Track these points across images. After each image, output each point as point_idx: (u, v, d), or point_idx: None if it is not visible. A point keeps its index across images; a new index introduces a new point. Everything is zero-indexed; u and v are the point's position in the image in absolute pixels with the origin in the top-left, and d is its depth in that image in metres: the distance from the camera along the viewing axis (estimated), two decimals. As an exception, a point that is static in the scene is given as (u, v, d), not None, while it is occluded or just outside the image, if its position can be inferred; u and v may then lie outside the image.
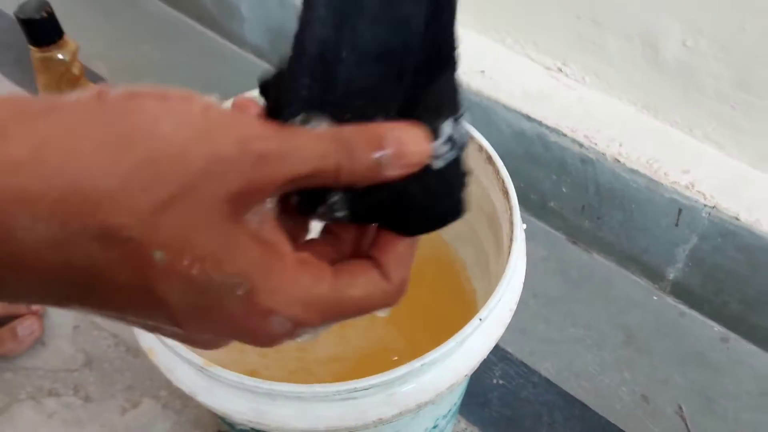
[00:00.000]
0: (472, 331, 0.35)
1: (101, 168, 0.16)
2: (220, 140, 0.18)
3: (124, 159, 0.17)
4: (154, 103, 0.18)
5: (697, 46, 0.54)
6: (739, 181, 0.57)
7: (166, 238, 0.17)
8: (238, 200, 0.18)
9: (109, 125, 0.17)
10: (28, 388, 0.58)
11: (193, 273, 0.18)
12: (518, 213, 0.41)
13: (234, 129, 0.18)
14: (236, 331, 0.20)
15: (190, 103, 0.18)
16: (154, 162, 0.17)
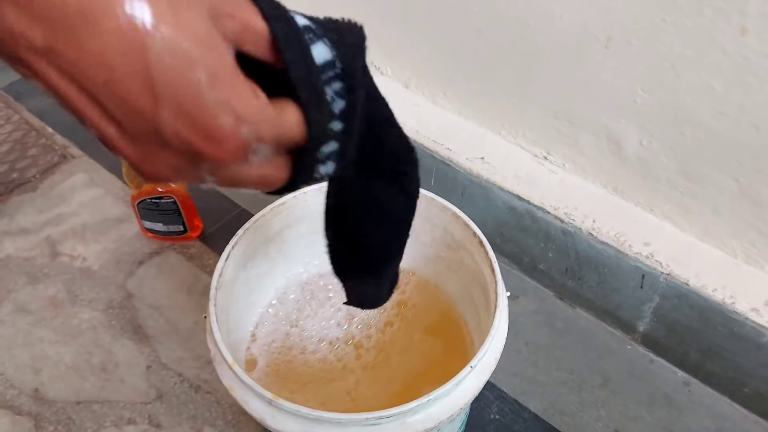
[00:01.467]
0: (465, 375, 0.48)
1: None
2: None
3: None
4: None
5: (651, 145, 0.67)
6: (690, 252, 0.70)
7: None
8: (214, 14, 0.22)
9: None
10: (112, 417, 0.71)
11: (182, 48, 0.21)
12: (502, 285, 0.54)
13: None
14: (193, 120, 0.22)
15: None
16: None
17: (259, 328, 0.63)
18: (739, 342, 0.67)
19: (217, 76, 0.22)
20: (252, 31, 0.24)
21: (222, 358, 0.49)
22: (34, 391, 0.74)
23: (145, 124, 0.22)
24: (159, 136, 0.22)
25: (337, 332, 0.63)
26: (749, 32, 0.54)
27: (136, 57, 0.20)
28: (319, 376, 0.61)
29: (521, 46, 0.71)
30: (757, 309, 0.65)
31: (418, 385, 0.61)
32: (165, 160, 0.24)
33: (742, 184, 0.63)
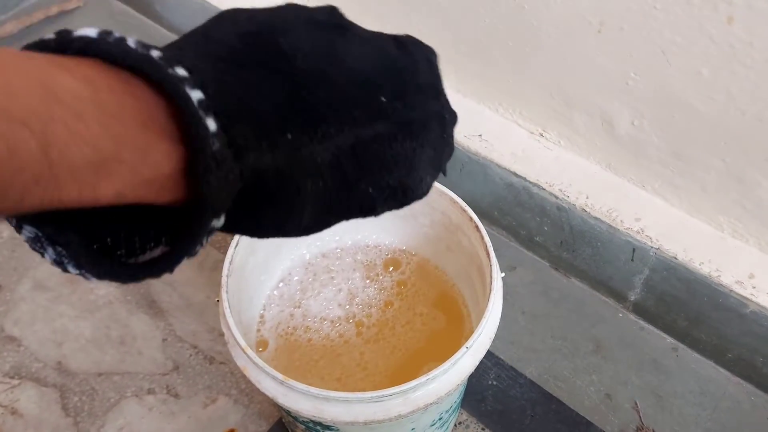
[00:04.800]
0: (462, 355, 0.52)
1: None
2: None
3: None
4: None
5: (642, 126, 0.69)
6: (679, 227, 0.73)
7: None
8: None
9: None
10: (132, 388, 0.76)
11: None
12: (497, 268, 0.57)
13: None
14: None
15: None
16: None
17: (267, 310, 0.67)
18: (724, 312, 0.71)
19: None
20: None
21: (235, 341, 0.52)
22: (57, 363, 0.79)
23: None
24: None
25: (339, 311, 0.67)
26: (735, 21, 0.55)
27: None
28: (327, 352, 0.65)
29: (517, 29, 0.72)
30: (741, 282, 0.68)
31: (420, 357, 0.65)
32: None
33: (729, 164, 0.65)
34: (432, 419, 0.60)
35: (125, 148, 0.20)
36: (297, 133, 0.25)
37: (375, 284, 0.69)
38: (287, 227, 0.27)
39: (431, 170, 0.31)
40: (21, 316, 0.83)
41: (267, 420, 0.73)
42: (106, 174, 0.20)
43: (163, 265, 0.24)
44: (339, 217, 0.29)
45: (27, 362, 0.79)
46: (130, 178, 0.21)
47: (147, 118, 0.21)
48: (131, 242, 0.24)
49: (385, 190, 0.28)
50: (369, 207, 0.29)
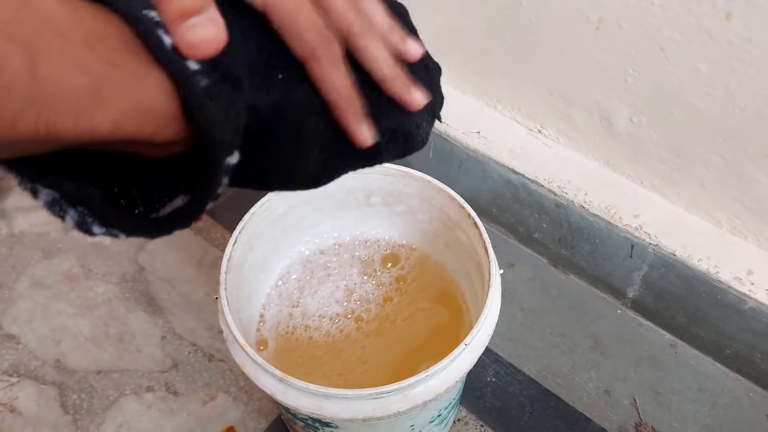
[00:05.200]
0: (460, 352, 0.52)
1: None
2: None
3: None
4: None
5: (641, 122, 0.69)
6: (677, 224, 0.73)
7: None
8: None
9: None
10: (131, 385, 0.76)
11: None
12: (495, 266, 0.57)
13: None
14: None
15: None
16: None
17: (266, 309, 0.67)
18: (722, 308, 0.71)
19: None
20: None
21: (234, 338, 0.52)
22: (56, 361, 0.79)
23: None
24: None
25: (337, 308, 0.67)
26: (734, 17, 0.55)
27: None
28: (329, 348, 0.65)
29: (516, 25, 0.72)
30: (739, 278, 0.68)
31: (422, 351, 0.65)
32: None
33: (728, 161, 0.65)
34: (431, 416, 0.60)
35: (117, 71, 0.20)
36: (288, 73, 0.25)
37: (373, 280, 0.69)
38: (295, 174, 0.27)
39: (427, 116, 0.31)
40: (19, 313, 0.83)
41: (266, 417, 0.73)
42: (101, 99, 0.20)
43: (189, 212, 0.23)
44: (345, 162, 0.28)
45: (26, 360, 0.79)
46: (127, 105, 0.20)
47: (134, 47, 0.21)
48: (148, 197, 0.24)
49: (385, 133, 0.28)
50: (373, 152, 0.28)
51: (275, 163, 0.26)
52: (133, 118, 0.20)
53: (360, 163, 0.29)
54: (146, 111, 0.21)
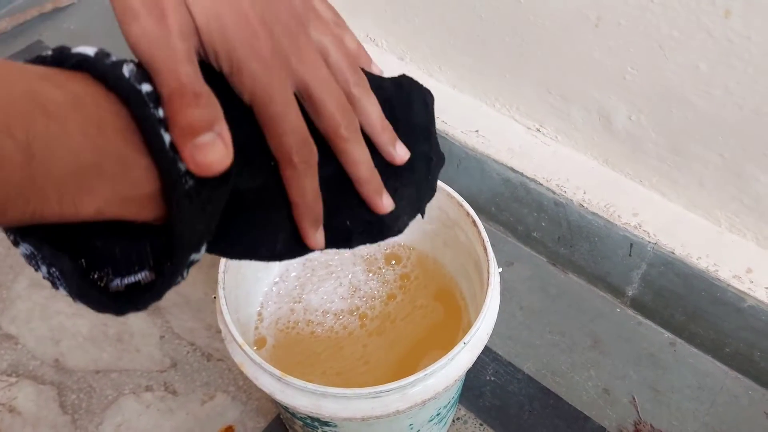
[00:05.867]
0: (459, 351, 0.51)
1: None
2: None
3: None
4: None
5: (639, 120, 0.69)
6: (676, 222, 0.73)
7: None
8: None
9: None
10: (130, 385, 0.76)
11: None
12: (494, 264, 0.57)
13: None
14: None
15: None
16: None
17: (264, 307, 0.66)
18: (721, 306, 0.71)
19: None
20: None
21: (232, 338, 0.52)
22: (54, 361, 0.78)
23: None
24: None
25: (341, 304, 0.67)
26: (733, 15, 0.55)
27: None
28: (329, 345, 0.65)
29: (514, 23, 0.72)
30: (738, 276, 0.68)
31: (421, 349, 0.65)
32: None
33: (727, 159, 0.65)
34: (430, 415, 0.60)
35: (106, 160, 0.20)
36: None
37: (377, 277, 0.69)
38: (261, 251, 0.27)
39: (409, 210, 0.31)
40: (18, 313, 0.83)
41: (265, 416, 0.73)
42: (88, 188, 0.20)
43: (145, 297, 0.24)
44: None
45: (24, 360, 0.78)
46: (111, 193, 0.21)
47: (130, 135, 0.21)
48: (117, 261, 0.24)
49: (361, 224, 0.29)
50: (344, 239, 0.29)
51: (243, 240, 0.26)
52: (115, 205, 0.21)
53: (327, 246, 0.29)
54: (129, 199, 0.21)
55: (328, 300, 0.67)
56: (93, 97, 0.21)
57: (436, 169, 0.32)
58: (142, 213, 0.22)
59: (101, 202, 0.21)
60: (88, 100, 0.21)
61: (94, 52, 0.21)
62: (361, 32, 0.91)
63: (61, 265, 0.23)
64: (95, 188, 0.20)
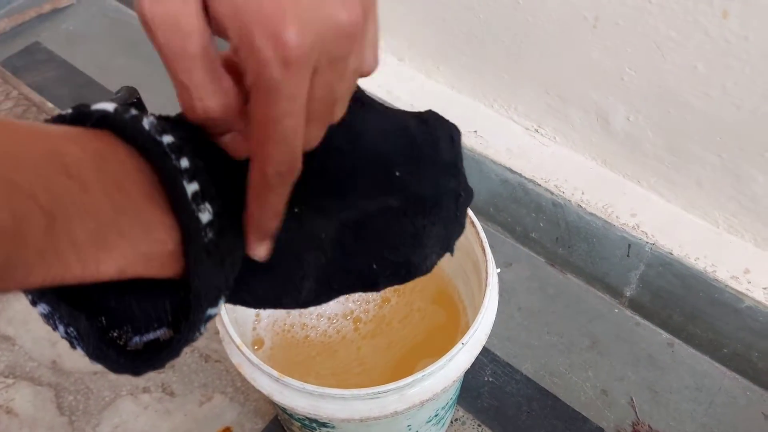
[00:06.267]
0: (457, 351, 0.51)
1: None
2: None
3: None
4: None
5: (637, 121, 0.69)
6: (674, 222, 0.73)
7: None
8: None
9: None
10: (127, 387, 0.76)
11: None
12: (493, 265, 0.57)
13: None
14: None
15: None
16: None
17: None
18: (719, 307, 0.71)
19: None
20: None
21: (230, 339, 0.52)
22: (52, 362, 0.78)
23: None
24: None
25: (336, 308, 0.67)
26: (731, 15, 0.55)
27: None
28: (324, 348, 0.65)
29: (512, 24, 0.72)
30: (736, 277, 0.68)
31: (419, 351, 0.65)
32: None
33: (724, 159, 0.65)
34: (428, 416, 0.60)
35: (128, 220, 0.20)
36: (302, 207, 0.25)
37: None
38: (284, 300, 0.27)
39: (438, 248, 0.30)
40: (15, 315, 0.82)
41: (263, 418, 0.73)
42: (109, 248, 0.20)
43: (162, 356, 0.23)
44: (339, 291, 0.28)
45: (21, 361, 0.78)
46: (132, 253, 0.21)
47: (152, 192, 0.21)
48: (136, 319, 0.24)
49: (388, 267, 0.28)
50: (371, 283, 0.28)
51: (265, 291, 0.26)
52: (137, 265, 0.21)
53: (354, 290, 0.28)
54: (149, 257, 0.21)
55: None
56: (115, 154, 0.21)
57: (464, 205, 0.31)
58: (162, 270, 0.22)
59: (122, 263, 0.21)
60: (111, 157, 0.20)
61: (113, 108, 0.21)
62: (359, 33, 0.91)
63: (78, 324, 0.22)
64: (116, 249, 0.20)
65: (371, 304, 0.67)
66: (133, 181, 0.21)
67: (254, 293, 0.26)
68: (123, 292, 0.23)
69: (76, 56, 1.16)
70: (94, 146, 0.20)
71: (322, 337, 0.65)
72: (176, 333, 0.23)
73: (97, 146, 0.20)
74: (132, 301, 0.23)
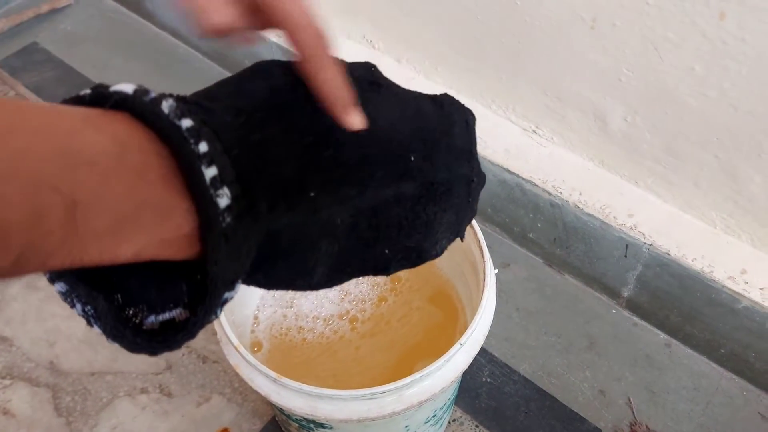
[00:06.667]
0: (455, 352, 0.51)
1: None
2: None
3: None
4: None
5: (635, 122, 0.69)
6: (672, 223, 0.73)
7: None
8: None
9: None
10: (125, 387, 0.76)
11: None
12: (491, 265, 0.57)
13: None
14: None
15: None
16: None
17: (260, 311, 0.66)
18: (716, 307, 0.71)
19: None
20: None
21: (228, 339, 0.52)
22: (49, 363, 0.78)
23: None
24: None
25: (331, 309, 0.67)
26: (728, 17, 0.55)
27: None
28: (324, 350, 0.64)
29: (510, 25, 0.72)
30: (733, 277, 0.69)
31: (417, 351, 0.65)
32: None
33: (722, 160, 0.65)
34: (426, 416, 0.60)
35: (147, 207, 0.21)
36: (318, 193, 0.24)
37: (367, 280, 0.69)
38: (297, 283, 0.27)
39: (449, 234, 0.30)
40: (13, 315, 0.82)
41: (261, 418, 0.73)
42: (127, 234, 0.20)
43: (179, 337, 0.23)
44: (351, 275, 0.28)
45: (19, 362, 0.78)
46: (150, 238, 0.21)
47: (171, 177, 0.21)
48: (152, 299, 0.24)
49: (400, 251, 0.28)
50: (383, 267, 0.28)
51: (279, 274, 0.26)
52: (153, 248, 0.21)
53: (366, 274, 0.29)
54: (168, 241, 0.22)
55: (318, 305, 0.67)
56: (135, 139, 0.21)
57: (477, 190, 0.31)
58: (179, 253, 0.22)
59: (140, 247, 0.21)
60: (130, 143, 0.20)
61: (132, 90, 0.21)
62: (357, 34, 0.91)
63: (95, 303, 0.23)
64: (135, 234, 0.21)
65: (367, 303, 0.67)
66: (153, 167, 0.21)
67: (269, 276, 0.26)
68: (140, 272, 0.23)
69: (74, 57, 1.16)
70: (114, 131, 0.20)
71: (320, 339, 0.65)
72: (192, 315, 0.23)
73: (116, 131, 0.20)
74: (149, 282, 0.24)
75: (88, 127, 0.20)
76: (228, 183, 0.22)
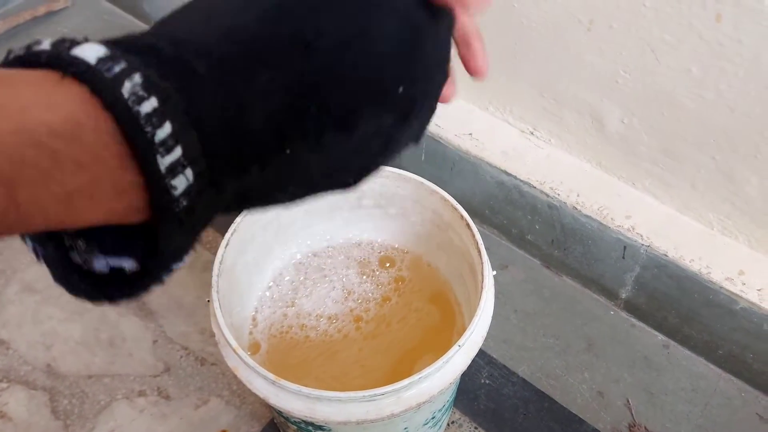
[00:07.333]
0: (454, 354, 0.51)
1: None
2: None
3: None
4: None
5: (632, 123, 0.70)
6: (669, 224, 0.73)
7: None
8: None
9: None
10: (123, 390, 0.75)
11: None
12: (489, 267, 0.57)
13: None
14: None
15: None
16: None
17: (258, 312, 0.66)
18: (714, 308, 0.71)
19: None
20: None
21: (226, 341, 0.52)
22: (46, 366, 0.78)
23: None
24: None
25: (334, 308, 0.67)
26: (724, 19, 0.56)
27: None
28: (324, 349, 0.64)
29: (507, 27, 0.72)
30: (731, 278, 0.69)
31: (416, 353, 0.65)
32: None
33: (718, 162, 0.65)
34: (425, 418, 0.60)
35: (99, 187, 0.20)
36: (295, 148, 0.23)
37: (371, 279, 0.69)
38: (273, 207, 0.27)
39: (410, 142, 0.29)
40: (9, 318, 0.82)
41: (259, 421, 0.73)
42: (77, 210, 0.20)
43: (132, 284, 0.23)
44: (315, 195, 0.28)
45: (16, 365, 0.78)
46: (102, 211, 0.21)
47: (128, 159, 0.20)
48: (104, 244, 0.23)
49: (364, 172, 0.28)
50: (345, 185, 0.28)
51: (253, 209, 0.26)
52: (105, 217, 0.21)
53: (329, 193, 0.28)
54: (120, 212, 0.21)
55: (321, 303, 0.67)
56: (90, 119, 0.19)
57: (442, 88, 0.30)
58: (134, 219, 0.22)
59: (90, 219, 0.21)
60: (85, 123, 0.19)
61: (96, 59, 0.20)
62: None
63: (46, 251, 0.23)
64: (85, 209, 0.20)
65: (372, 303, 0.67)
66: (108, 147, 0.20)
67: (233, 210, 0.25)
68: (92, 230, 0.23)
69: (70, 59, 1.16)
70: (67, 112, 0.19)
71: (323, 337, 0.65)
72: (144, 273, 0.23)
73: (70, 111, 0.19)
74: (102, 235, 0.23)
75: (39, 105, 0.19)
76: (192, 160, 0.21)
